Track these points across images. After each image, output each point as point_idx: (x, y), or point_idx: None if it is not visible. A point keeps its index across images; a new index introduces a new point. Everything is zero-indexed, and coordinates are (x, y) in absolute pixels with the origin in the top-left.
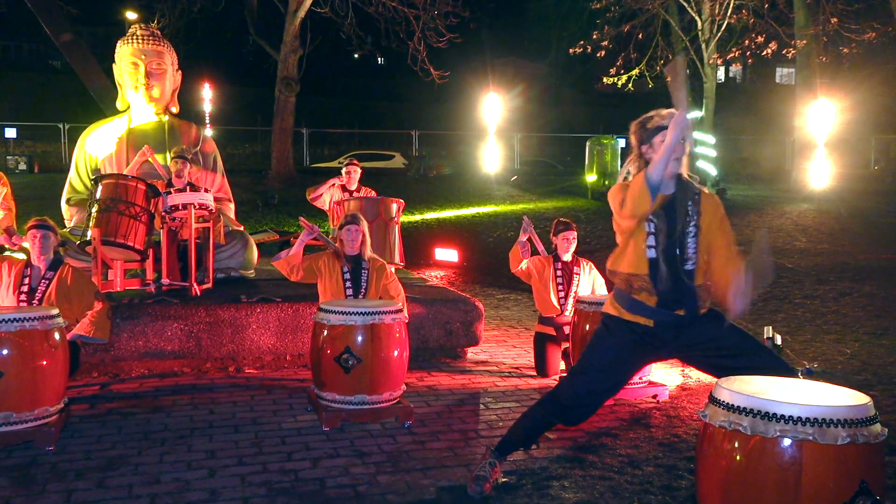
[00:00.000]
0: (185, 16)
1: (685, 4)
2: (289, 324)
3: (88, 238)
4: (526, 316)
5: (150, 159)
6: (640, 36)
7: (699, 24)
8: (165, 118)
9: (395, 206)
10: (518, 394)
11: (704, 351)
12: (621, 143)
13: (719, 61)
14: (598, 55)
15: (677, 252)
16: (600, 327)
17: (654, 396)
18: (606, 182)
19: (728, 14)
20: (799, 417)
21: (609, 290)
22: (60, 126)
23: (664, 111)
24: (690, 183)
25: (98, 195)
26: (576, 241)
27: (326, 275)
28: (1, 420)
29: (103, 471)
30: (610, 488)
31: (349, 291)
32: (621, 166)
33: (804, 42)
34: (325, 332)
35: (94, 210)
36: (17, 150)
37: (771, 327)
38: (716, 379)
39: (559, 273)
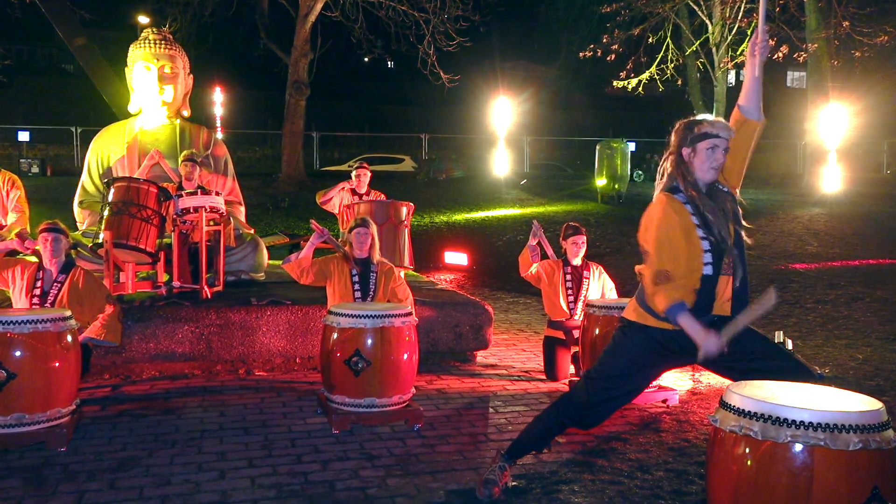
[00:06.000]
0: (197, 20)
1: (695, 8)
2: (299, 326)
3: (101, 241)
4: (535, 320)
5: (159, 163)
6: (650, 40)
7: (709, 27)
8: (177, 122)
9: (404, 210)
10: (527, 397)
11: (724, 355)
12: (631, 146)
13: (730, 65)
14: (608, 59)
15: (728, 262)
16: (618, 332)
17: (665, 401)
18: (616, 186)
19: (739, 17)
20: (810, 423)
21: (619, 294)
22: (73, 129)
23: (713, 118)
24: (727, 191)
25: (110, 198)
26: (585, 245)
27: (335, 277)
28: (13, 421)
29: (114, 472)
30: (620, 493)
31: (357, 294)
32: (631, 170)
33: (815, 46)
34: (335, 335)
35: (105, 213)
36: (30, 153)
37: (782, 332)
38: (728, 382)
39: (568, 277)
